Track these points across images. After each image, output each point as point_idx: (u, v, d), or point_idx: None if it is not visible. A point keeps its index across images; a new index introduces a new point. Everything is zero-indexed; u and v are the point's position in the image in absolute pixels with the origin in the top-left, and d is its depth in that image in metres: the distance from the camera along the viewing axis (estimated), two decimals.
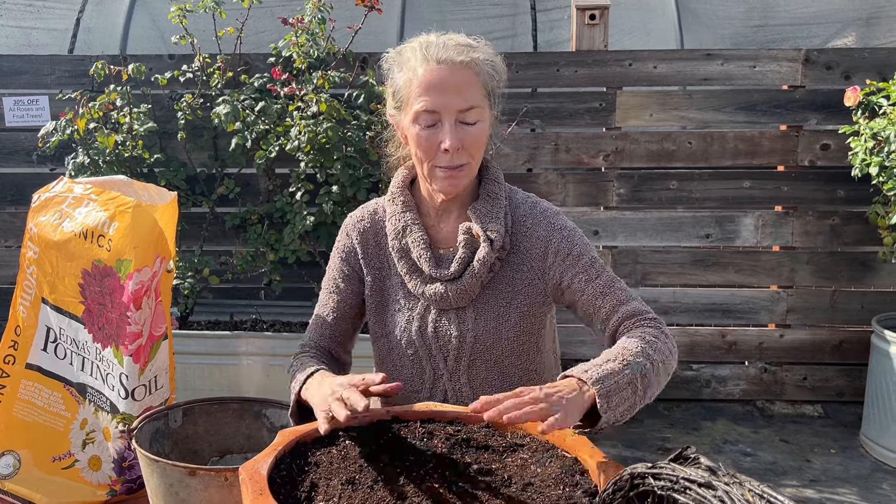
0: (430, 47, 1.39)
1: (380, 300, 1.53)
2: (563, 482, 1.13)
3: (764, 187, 3.64)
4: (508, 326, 1.46)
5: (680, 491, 0.76)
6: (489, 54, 1.44)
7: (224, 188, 3.44)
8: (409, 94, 1.40)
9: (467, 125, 1.38)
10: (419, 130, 1.39)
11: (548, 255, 1.45)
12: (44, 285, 1.62)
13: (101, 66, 3.24)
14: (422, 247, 1.45)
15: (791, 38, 4.24)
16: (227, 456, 1.55)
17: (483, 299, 1.46)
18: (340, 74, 3.23)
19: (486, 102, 1.42)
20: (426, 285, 1.46)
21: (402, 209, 1.49)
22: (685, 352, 3.75)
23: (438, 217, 1.51)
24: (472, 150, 1.40)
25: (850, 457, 3.28)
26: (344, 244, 1.56)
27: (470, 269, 1.43)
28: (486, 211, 1.45)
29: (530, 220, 1.47)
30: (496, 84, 1.45)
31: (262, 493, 1.04)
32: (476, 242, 1.44)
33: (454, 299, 1.45)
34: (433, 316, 1.47)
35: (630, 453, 3.27)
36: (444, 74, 1.37)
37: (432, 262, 1.45)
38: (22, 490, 1.62)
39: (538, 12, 4.34)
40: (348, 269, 1.55)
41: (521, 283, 1.46)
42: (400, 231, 1.48)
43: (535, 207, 1.49)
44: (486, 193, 1.48)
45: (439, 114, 1.37)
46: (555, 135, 3.61)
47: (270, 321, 3.37)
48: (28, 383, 1.65)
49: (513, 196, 1.52)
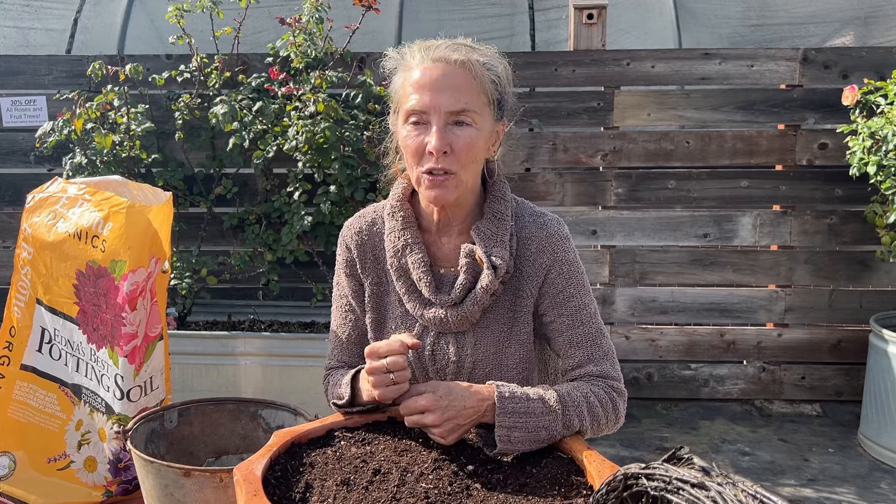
0: (429, 48, 1.33)
1: (377, 316, 1.47)
2: (559, 482, 1.13)
3: (762, 187, 3.64)
4: (508, 353, 1.40)
5: (673, 491, 0.76)
6: (492, 59, 1.36)
7: (222, 188, 3.43)
8: (403, 94, 1.35)
9: (458, 129, 1.30)
10: (408, 131, 1.33)
11: (544, 284, 1.39)
12: (38, 286, 1.62)
13: (99, 66, 3.23)
14: (422, 269, 1.38)
15: (789, 38, 4.25)
16: (223, 457, 1.54)
17: (484, 324, 1.39)
18: (338, 74, 3.22)
19: (487, 111, 1.34)
20: (425, 308, 1.39)
21: (402, 225, 1.41)
22: (684, 351, 3.76)
23: (439, 233, 1.43)
24: (461, 156, 1.30)
25: (849, 456, 3.28)
26: (345, 258, 1.48)
27: (472, 295, 1.36)
28: (490, 234, 1.37)
29: (535, 245, 1.39)
30: (500, 93, 1.36)
31: (257, 493, 1.04)
32: (478, 267, 1.36)
33: (454, 324, 1.38)
34: (431, 338, 1.41)
35: (628, 453, 3.27)
36: (438, 73, 1.30)
37: (432, 287, 1.38)
38: (17, 491, 1.62)
39: (536, 12, 4.35)
40: (356, 285, 1.48)
41: (521, 310, 1.39)
42: (399, 250, 1.40)
43: (543, 230, 1.40)
44: (492, 213, 1.39)
45: (428, 114, 1.30)
46: (553, 134, 3.61)
47: (268, 321, 3.36)
48: (23, 384, 1.65)
49: (520, 214, 1.43)
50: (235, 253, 3.37)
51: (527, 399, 1.23)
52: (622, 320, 3.73)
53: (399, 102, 1.37)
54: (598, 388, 1.34)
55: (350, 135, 3.07)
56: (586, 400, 1.30)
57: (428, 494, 1.07)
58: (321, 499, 1.07)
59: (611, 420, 1.34)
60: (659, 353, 3.75)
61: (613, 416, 1.35)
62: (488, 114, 1.34)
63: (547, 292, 1.39)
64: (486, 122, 1.34)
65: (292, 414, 1.51)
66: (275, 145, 3.14)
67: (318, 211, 3.17)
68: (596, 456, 1.16)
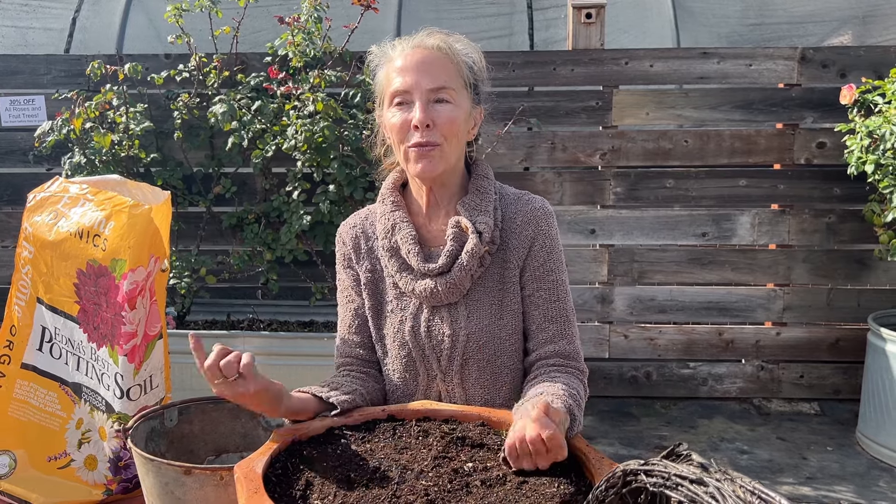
0: (407, 39, 1.44)
1: (374, 303, 1.52)
2: (558, 479, 1.14)
3: (760, 185, 3.65)
4: (501, 325, 1.45)
5: (672, 487, 0.76)
6: (468, 47, 1.46)
7: (221, 188, 3.44)
8: (387, 82, 1.43)
9: (439, 105, 1.39)
10: (393, 112, 1.41)
11: (527, 256, 1.46)
12: (39, 285, 1.62)
13: (98, 65, 3.23)
14: (410, 242, 1.44)
15: (787, 37, 4.25)
16: (223, 455, 1.55)
17: (474, 297, 1.45)
18: (337, 73, 3.23)
19: (465, 93, 1.43)
20: (416, 282, 1.44)
21: (392, 208, 1.49)
22: (682, 350, 3.76)
23: (428, 216, 1.50)
24: (443, 129, 1.39)
25: (847, 454, 3.28)
26: (342, 253, 1.55)
27: (459, 262, 1.41)
28: (474, 205, 1.45)
29: (520, 218, 1.46)
30: (476, 78, 1.46)
31: (258, 491, 1.04)
32: (464, 236, 1.43)
33: (444, 294, 1.43)
34: (425, 315, 1.46)
35: (627, 451, 3.28)
36: (418, 56, 1.40)
37: (421, 258, 1.44)
38: (18, 490, 1.63)
39: (535, 11, 4.35)
40: (353, 276, 1.54)
41: (510, 281, 1.45)
42: (389, 229, 1.47)
43: (528, 205, 1.48)
44: (476, 188, 1.48)
45: (410, 93, 1.39)
46: (551, 133, 3.62)
47: (267, 320, 3.36)
48: (23, 383, 1.65)
49: (504, 192, 1.51)
50: (234, 252, 3.37)
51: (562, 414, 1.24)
52: (621, 319, 3.74)
53: (383, 91, 1.45)
54: (574, 379, 1.39)
55: (349, 134, 3.07)
56: (581, 396, 1.35)
57: (428, 492, 1.08)
58: (321, 496, 1.07)
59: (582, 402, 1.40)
60: (658, 352, 3.76)
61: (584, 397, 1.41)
62: (466, 96, 1.43)
63: (529, 265, 1.46)
64: (464, 102, 1.43)
65: None
66: (273, 144, 3.14)
67: (317, 210, 3.17)
68: (595, 453, 1.17)
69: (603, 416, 3.61)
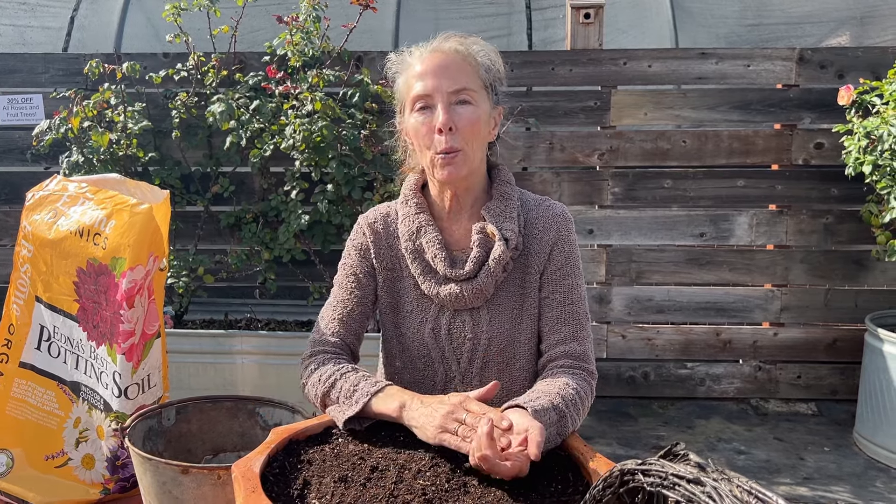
0: (425, 45, 1.45)
1: (391, 301, 1.52)
2: (556, 479, 1.14)
3: (758, 186, 3.65)
4: (520, 328, 1.46)
5: (669, 487, 0.76)
6: (485, 49, 1.47)
7: (219, 187, 3.43)
8: (407, 88, 1.45)
9: (460, 107, 1.40)
10: (416, 118, 1.42)
11: (548, 260, 1.47)
12: (38, 283, 1.62)
13: (96, 64, 3.23)
14: (437, 247, 1.45)
15: (785, 38, 4.25)
16: (220, 454, 1.55)
17: (496, 301, 1.46)
18: (335, 73, 3.22)
19: (484, 93, 1.44)
20: (441, 286, 1.45)
21: (416, 211, 1.49)
22: (680, 350, 3.76)
23: (450, 219, 1.51)
24: (465, 132, 1.40)
25: (844, 455, 3.29)
26: (360, 241, 1.54)
27: (486, 268, 1.42)
28: (499, 211, 1.46)
29: (542, 223, 1.48)
30: (494, 79, 1.47)
31: (255, 490, 1.04)
32: (490, 242, 1.44)
33: (469, 299, 1.44)
34: (447, 317, 1.47)
35: (624, 451, 3.28)
36: (436, 61, 1.41)
37: (447, 262, 1.44)
38: (15, 489, 1.62)
39: (533, 11, 4.35)
40: (367, 266, 1.53)
41: (530, 285, 1.47)
42: (414, 232, 1.47)
43: (549, 210, 1.50)
44: (499, 194, 1.49)
45: (432, 96, 1.40)
46: (550, 133, 3.62)
47: (265, 320, 3.36)
48: (21, 382, 1.65)
49: (525, 197, 1.53)
50: (232, 251, 3.37)
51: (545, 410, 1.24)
52: (619, 319, 3.74)
53: (404, 97, 1.46)
54: (578, 380, 1.38)
55: (347, 133, 3.07)
56: (578, 396, 1.34)
57: (425, 491, 1.08)
58: (319, 495, 1.07)
59: (587, 409, 1.40)
60: (655, 352, 3.76)
61: (589, 405, 1.40)
62: (486, 96, 1.45)
63: (548, 268, 1.47)
64: (484, 103, 1.44)
65: (290, 412, 1.51)
66: (272, 144, 3.14)
67: (316, 210, 3.17)
68: (592, 453, 1.17)
69: (600, 417, 3.62)
